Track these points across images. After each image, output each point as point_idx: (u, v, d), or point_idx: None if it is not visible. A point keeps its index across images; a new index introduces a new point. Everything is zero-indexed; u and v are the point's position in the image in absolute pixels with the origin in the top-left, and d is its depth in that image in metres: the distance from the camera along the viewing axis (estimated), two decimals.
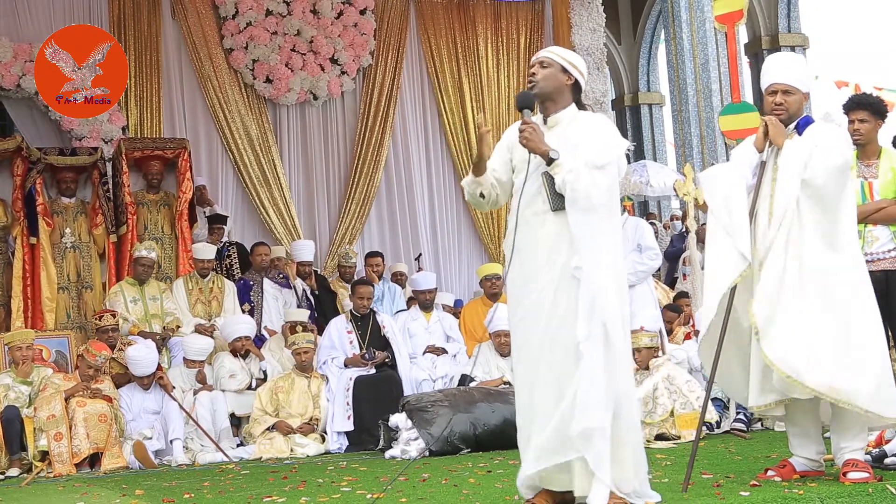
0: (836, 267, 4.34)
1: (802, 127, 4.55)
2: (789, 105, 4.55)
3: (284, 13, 10.92)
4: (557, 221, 3.94)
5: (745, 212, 4.43)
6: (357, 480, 5.64)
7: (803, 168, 4.36)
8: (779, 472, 4.49)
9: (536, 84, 4.11)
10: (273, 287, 9.31)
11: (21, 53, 9.67)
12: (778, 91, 4.56)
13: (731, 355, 4.54)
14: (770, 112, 4.57)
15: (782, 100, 4.54)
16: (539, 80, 4.11)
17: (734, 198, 4.46)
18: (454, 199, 11.72)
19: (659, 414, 6.80)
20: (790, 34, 17.50)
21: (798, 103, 4.58)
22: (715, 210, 4.54)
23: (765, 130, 4.54)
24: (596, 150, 3.96)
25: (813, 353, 4.24)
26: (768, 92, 4.61)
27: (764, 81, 4.64)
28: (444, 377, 8.38)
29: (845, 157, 4.41)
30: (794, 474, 4.46)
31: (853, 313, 4.31)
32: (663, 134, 19.67)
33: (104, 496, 5.64)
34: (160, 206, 9.39)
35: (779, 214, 4.38)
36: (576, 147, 3.97)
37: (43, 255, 8.79)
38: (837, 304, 4.31)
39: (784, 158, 4.46)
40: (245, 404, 8.00)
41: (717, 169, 4.76)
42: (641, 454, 3.99)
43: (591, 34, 11.85)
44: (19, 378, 7.53)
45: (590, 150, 3.95)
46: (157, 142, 9.55)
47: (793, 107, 4.56)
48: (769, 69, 4.65)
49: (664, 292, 9.93)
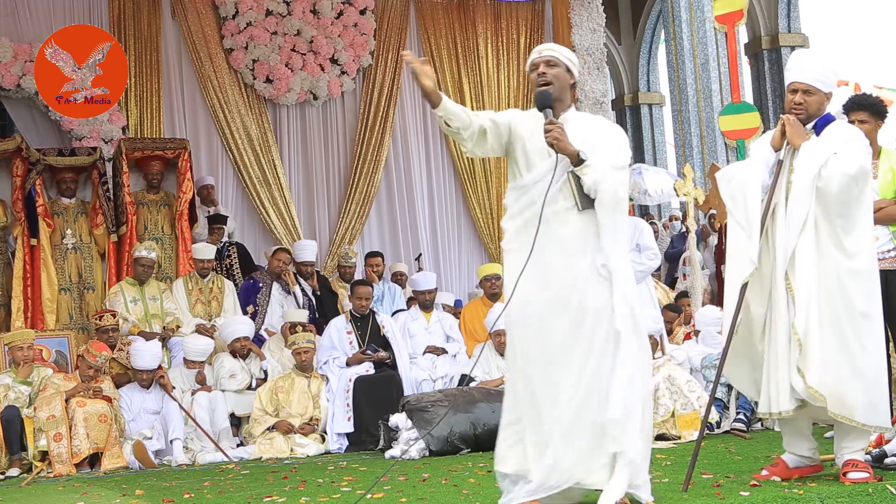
0: (850, 276, 4.30)
1: (821, 127, 4.49)
2: (809, 105, 4.49)
3: (284, 13, 10.92)
4: (581, 220, 3.96)
5: (757, 214, 4.41)
6: (357, 480, 5.64)
7: (818, 175, 4.32)
8: (773, 470, 4.49)
9: (551, 83, 4.10)
10: (280, 293, 9.30)
11: (21, 53, 9.67)
12: (798, 90, 4.50)
13: (740, 351, 4.53)
14: (789, 111, 4.52)
15: (802, 99, 4.49)
16: (552, 80, 4.11)
17: (749, 200, 4.44)
18: (454, 199, 11.73)
19: (661, 415, 6.80)
20: (790, 34, 17.50)
21: (818, 104, 4.51)
22: (733, 210, 4.52)
23: (782, 129, 4.50)
24: (616, 152, 4.05)
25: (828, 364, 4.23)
26: (789, 90, 4.55)
27: (787, 78, 4.59)
28: (444, 377, 8.38)
29: (861, 164, 4.35)
30: (790, 472, 4.46)
31: (863, 325, 4.29)
32: (663, 134, 19.67)
33: (104, 496, 5.65)
34: (160, 206, 9.39)
35: (798, 221, 4.34)
36: (593, 147, 4.00)
37: (43, 255, 8.79)
38: (851, 315, 4.28)
39: (800, 161, 4.41)
40: (245, 404, 8.00)
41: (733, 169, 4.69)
42: (650, 451, 4.04)
43: (591, 34, 11.85)
44: (19, 378, 7.53)
45: (611, 152, 4.02)
46: (158, 142, 9.54)
47: (812, 107, 4.50)
48: (792, 66, 4.58)
49: (664, 292, 9.93)
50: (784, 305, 4.34)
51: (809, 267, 4.30)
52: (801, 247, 4.33)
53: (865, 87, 16.64)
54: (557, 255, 3.95)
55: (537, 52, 4.19)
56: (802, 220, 4.33)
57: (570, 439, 3.85)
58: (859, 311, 4.28)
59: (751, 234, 4.40)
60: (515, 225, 4.06)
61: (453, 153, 11.60)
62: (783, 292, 4.34)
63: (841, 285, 4.29)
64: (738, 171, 4.60)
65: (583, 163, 3.95)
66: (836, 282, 4.29)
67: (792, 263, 4.33)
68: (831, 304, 4.28)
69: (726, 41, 15.16)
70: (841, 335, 4.26)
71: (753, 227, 4.40)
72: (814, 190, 4.33)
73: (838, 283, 4.29)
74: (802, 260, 4.32)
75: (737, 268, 4.45)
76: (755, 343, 4.48)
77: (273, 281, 9.31)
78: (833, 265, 4.31)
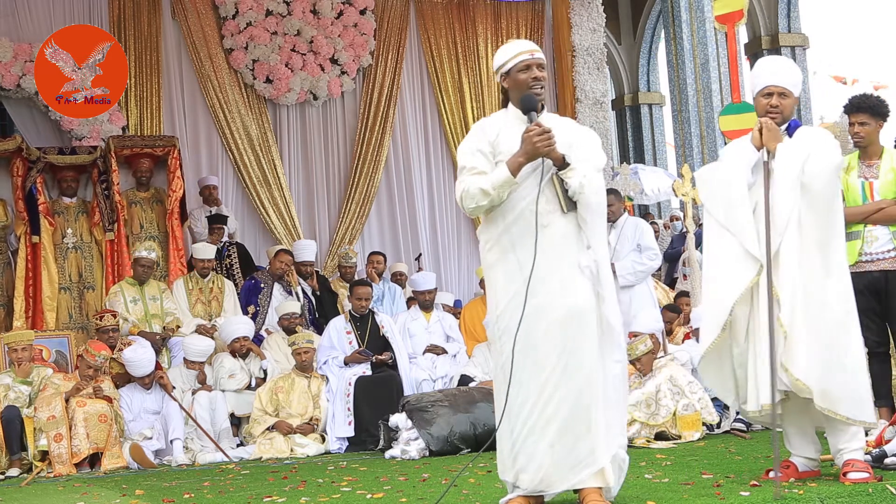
0: (830, 273, 4.33)
1: (792, 130, 4.55)
2: (784, 108, 4.53)
3: (284, 13, 10.93)
4: (565, 222, 3.96)
5: (748, 211, 4.41)
6: (357, 480, 5.64)
7: (801, 172, 4.36)
8: (785, 472, 4.48)
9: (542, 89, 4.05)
10: (281, 293, 9.30)
11: (21, 53, 9.67)
12: (774, 93, 4.53)
13: (724, 356, 4.53)
14: (765, 114, 4.55)
15: (778, 102, 4.52)
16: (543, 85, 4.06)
17: (735, 198, 4.44)
18: (454, 199, 11.69)
19: (662, 416, 6.77)
20: (790, 34, 17.51)
21: (791, 106, 4.57)
22: (713, 210, 4.52)
23: (760, 131, 4.50)
24: (595, 154, 4.05)
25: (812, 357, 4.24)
26: (763, 94, 4.56)
27: (758, 83, 4.60)
28: (444, 377, 8.38)
29: (840, 158, 4.46)
30: (798, 475, 4.46)
31: (844, 322, 4.33)
32: (663, 134, 19.66)
33: (104, 496, 5.65)
34: (153, 204, 9.40)
35: (782, 220, 4.35)
36: (570, 148, 3.98)
37: (44, 254, 8.80)
38: (833, 312, 4.31)
39: (779, 162, 4.43)
40: (245, 404, 8.01)
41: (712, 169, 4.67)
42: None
43: (591, 34, 11.86)
44: (19, 378, 7.53)
45: (590, 154, 4.02)
46: (147, 140, 9.55)
47: (787, 110, 4.55)
48: (764, 71, 4.61)
49: (664, 292, 9.92)
50: (765, 304, 4.33)
51: (793, 266, 4.30)
52: (784, 245, 4.33)
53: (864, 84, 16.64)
54: (542, 258, 3.91)
55: (528, 52, 4.06)
56: (786, 218, 4.34)
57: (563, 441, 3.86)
58: (841, 309, 4.32)
59: (740, 231, 4.39)
60: (497, 231, 4.00)
61: (453, 153, 11.59)
62: (765, 291, 4.34)
63: (822, 284, 4.31)
64: (717, 171, 4.60)
65: (567, 166, 3.93)
66: (818, 281, 4.31)
67: (776, 262, 4.33)
68: (814, 300, 4.29)
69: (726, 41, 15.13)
70: (826, 331, 4.28)
71: (741, 227, 4.39)
72: (797, 186, 4.35)
73: (820, 282, 4.31)
74: (786, 259, 4.32)
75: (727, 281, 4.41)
76: (738, 343, 4.47)
77: (274, 281, 9.30)
78: (814, 263, 4.32)
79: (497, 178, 3.93)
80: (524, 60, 4.05)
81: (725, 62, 15.22)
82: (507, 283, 3.97)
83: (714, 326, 4.45)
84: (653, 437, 6.76)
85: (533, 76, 4.03)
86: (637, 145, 19.66)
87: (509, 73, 4.08)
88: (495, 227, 4.02)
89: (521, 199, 3.96)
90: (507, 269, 3.98)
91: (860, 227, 5.66)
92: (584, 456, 3.86)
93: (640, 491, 4.42)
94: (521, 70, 4.05)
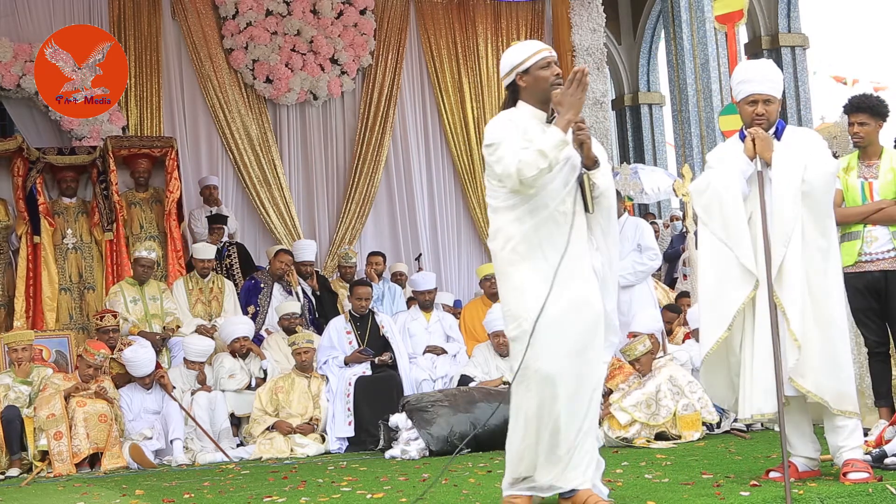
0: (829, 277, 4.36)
1: (780, 132, 4.54)
2: (770, 114, 4.51)
3: (284, 13, 10.93)
4: (582, 222, 4.00)
5: (741, 225, 4.39)
6: (357, 480, 5.64)
7: (800, 181, 4.34)
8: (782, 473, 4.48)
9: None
10: (281, 293, 9.30)
11: (21, 53, 9.67)
12: (759, 101, 4.49)
13: (719, 363, 4.54)
14: (752, 123, 4.52)
15: (763, 110, 4.49)
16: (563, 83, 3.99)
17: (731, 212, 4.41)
18: (454, 199, 11.73)
19: (662, 416, 6.77)
20: (790, 34, 17.50)
21: (776, 111, 4.55)
22: (709, 223, 4.48)
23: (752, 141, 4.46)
24: (605, 155, 4.07)
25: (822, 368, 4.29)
26: (747, 102, 4.52)
27: (741, 91, 4.54)
28: (444, 377, 8.38)
29: (834, 162, 4.49)
30: (799, 475, 4.46)
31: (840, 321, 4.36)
32: (663, 134, 19.65)
33: (104, 496, 5.65)
34: (152, 204, 9.39)
35: (784, 232, 4.33)
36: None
37: (44, 254, 8.80)
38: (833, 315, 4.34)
39: (777, 173, 4.40)
40: (245, 404, 8.01)
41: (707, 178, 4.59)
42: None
43: (591, 34, 11.85)
44: (19, 378, 7.53)
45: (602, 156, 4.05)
46: (145, 140, 9.56)
47: (773, 116, 4.53)
48: (747, 79, 4.54)
49: (664, 292, 9.92)
50: (765, 315, 4.31)
51: (799, 278, 4.29)
52: (789, 257, 4.32)
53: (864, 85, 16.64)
54: (567, 258, 3.91)
55: (547, 50, 4.05)
56: (790, 229, 4.32)
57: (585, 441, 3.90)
58: (839, 311, 4.36)
59: (736, 245, 4.37)
60: (523, 229, 3.94)
61: (453, 153, 11.60)
62: (764, 303, 4.32)
63: (825, 290, 4.33)
64: (712, 182, 4.53)
65: (597, 165, 3.96)
66: (820, 287, 4.33)
67: (781, 275, 4.31)
68: (819, 307, 4.32)
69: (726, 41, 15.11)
70: (829, 337, 4.31)
71: (738, 241, 4.37)
72: (799, 197, 4.33)
73: (822, 289, 4.33)
74: (791, 270, 4.30)
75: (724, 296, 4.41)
76: (734, 353, 4.48)
77: (274, 281, 9.30)
78: (816, 270, 4.33)
79: (551, 139, 3.85)
80: (545, 58, 4.03)
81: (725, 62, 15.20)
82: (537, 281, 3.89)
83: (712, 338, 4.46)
84: (653, 438, 6.76)
85: (555, 73, 4.01)
86: (637, 145, 19.64)
87: (528, 70, 4.03)
88: (520, 225, 3.94)
89: (551, 199, 3.93)
90: (535, 267, 3.91)
91: (860, 228, 5.67)
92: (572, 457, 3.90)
93: (640, 491, 4.42)
94: (542, 67, 4.02)
